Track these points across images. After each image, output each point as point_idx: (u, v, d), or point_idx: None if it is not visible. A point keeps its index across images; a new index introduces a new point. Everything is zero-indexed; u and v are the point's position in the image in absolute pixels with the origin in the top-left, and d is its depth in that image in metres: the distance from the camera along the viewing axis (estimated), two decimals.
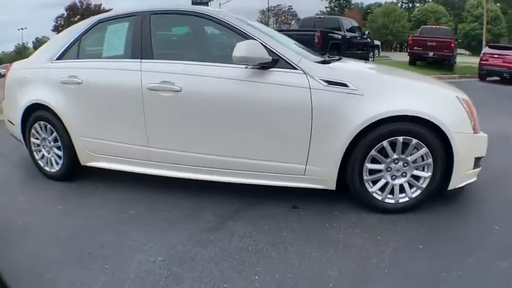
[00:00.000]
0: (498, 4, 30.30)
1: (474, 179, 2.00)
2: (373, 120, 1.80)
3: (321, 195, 2.09)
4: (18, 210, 2.13)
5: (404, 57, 14.26)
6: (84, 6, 33.75)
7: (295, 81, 1.89)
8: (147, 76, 2.06)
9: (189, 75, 2.01)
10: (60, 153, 2.46)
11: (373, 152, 1.88)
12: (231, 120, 1.99)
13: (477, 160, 1.94)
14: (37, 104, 2.44)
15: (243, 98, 1.96)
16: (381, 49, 13.29)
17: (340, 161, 1.90)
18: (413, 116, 1.80)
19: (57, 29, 33.51)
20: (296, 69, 1.91)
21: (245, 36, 1.98)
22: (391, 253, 1.64)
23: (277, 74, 1.91)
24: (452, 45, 10.98)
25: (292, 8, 41.37)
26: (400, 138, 1.84)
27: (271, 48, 1.92)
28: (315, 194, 2.09)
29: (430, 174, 1.87)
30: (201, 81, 1.99)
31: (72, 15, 33.49)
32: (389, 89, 1.93)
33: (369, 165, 1.91)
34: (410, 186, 1.93)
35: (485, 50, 10.72)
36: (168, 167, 2.18)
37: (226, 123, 2.00)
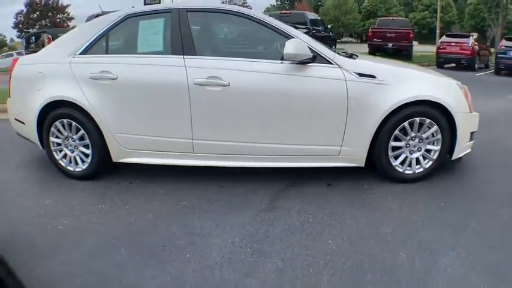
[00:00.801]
0: None
1: (469, 150, 2.53)
2: (398, 105, 2.19)
3: (347, 172, 2.43)
4: (51, 214, 2.06)
5: (359, 48, 15.45)
6: (43, 2, 33.31)
7: (333, 74, 2.19)
8: (193, 71, 2.18)
9: (235, 71, 2.18)
10: (88, 151, 2.43)
11: (396, 132, 2.28)
12: (275, 110, 2.23)
13: (471, 134, 2.46)
14: (58, 101, 2.36)
15: (286, 90, 2.20)
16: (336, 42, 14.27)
17: (370, 142, 2.27)
18: (427, 100, 2.23)
19: (18, 25, 32.60)
20: (332, 64, 2.21)
21: (285, 36, 2.22)
22: (423, 211, 2.05)
23: (316, 69, 2.19)
24: (411, 35, 12.05)
25: (246, 2, 42.42)
26: (417, 119, 2.26)
27: (310, 46, 2.19)
28: (342, 172, 2.42)
29: (439, 147, 2.34)
30: (247, 75, 2.19)
31: (32, 11, 32.91)
32: (407, 79, 2.34)
33: (393, 143, 2.31)
34: (424, 158, 2.38)
35: (443, 38, 11.83)
36: (213, 157, 2.32)
37: (271, 113, 2.23)
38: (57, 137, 2.47)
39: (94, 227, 1.95)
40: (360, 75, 2.20)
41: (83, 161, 2.48)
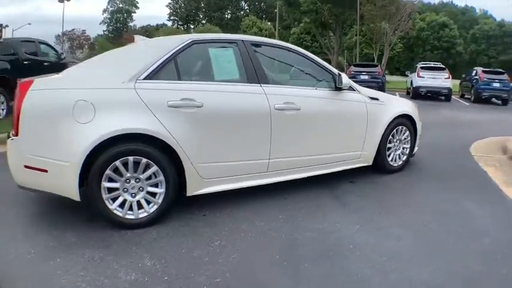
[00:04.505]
0: (270, 23, 36.63)
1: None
2: (393, 117, 3.24)
3: (357, 172, 3.22)
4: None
5: None
6: None
7: (358, 98, 3.02)
8: (273, 98, 2.47)
9: (301, 97, 2.65)
10: (159, 190, 2.16)
11: (390, 137, 3.31)
12: (327, 127, 2.84)
13: (420, 136, 3.76)
14: (121, 135, 2.02)
15: (333, 110, 2.87)
16: None
17: (377, 146, 3.19)
18: (405, 114, 3.37)
19: None
20: (355, 91, 3.02)
21: (324, 68, 2.89)
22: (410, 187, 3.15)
23: (348, 94, 2.95)
24: None
25: (85, 32, 42.67)
26: (400, 127, 3.38)
27: None
28: (351, 172, 3.17)
29: (408, 146, 3.53)
30: (310, 100, 2.72)
31: None
32: (392, 101, 3.45)
33: (388, 145, 3.33)
34: (401, 155, 3.50)
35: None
36: (283, 173, 2.64)
37: (325, 129, 2.83)
38: (113, 180, 2.05)
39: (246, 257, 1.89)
40: (371, 98, 3.11)
41: (148, 204, 2.15)
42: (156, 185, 2.17)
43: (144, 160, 2.09)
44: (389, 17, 19.58)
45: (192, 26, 51.50)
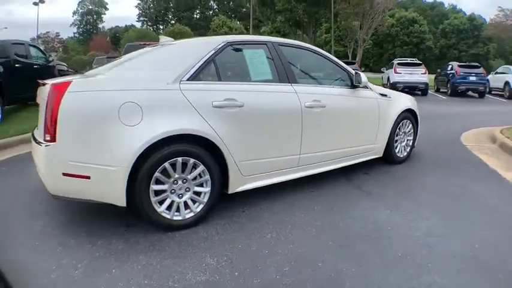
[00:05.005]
0: (239, 22, 37.43)
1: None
2: (400, 111, 3.53)
3: (367, 164, 3.49)
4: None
5: None
6: None
7: (371, 95, 3.28)
8: (303, 97, 2.64)
9: (325, 95, 2.87)
10: (204, 189, 2.25)
11: (397, 130, 3.58)
12: (347, 122, 3.09)
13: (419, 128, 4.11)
14: (170, 136, 2.07)
15: (351, 107, 3.11)
16: None
17: (387, 138, 3.44)
18: (409, 109, 3.68)
19: None
20: (368, 88, 3.25)
21: (341, 68, 3.12)
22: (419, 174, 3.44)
23: (363, 92, 3.21)
24: None
25: (59, 35, 43.89)
26: (404, 120, 3.67)
27: None
28: (362, 165, 3.43)
29: (412, 138, 3.84)
30: (332, 98, 2.93)
31: None
32: (398, 97, 3.73)
33: (395, 137, 3.60)
34: (405, 146, 3.80)
35: None
36: (310, 167, 2.83)
37: (346, 124, 3.07)
38: (161, 182, 2.10)
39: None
40: (381, 95, 3.36)
41: (194, 203, 2.22)
42: (201, 185, 2.27)
43: (192, 161, 2.18)
44: (363, 15, 20.35)
45: (161, 27, 51.94)
